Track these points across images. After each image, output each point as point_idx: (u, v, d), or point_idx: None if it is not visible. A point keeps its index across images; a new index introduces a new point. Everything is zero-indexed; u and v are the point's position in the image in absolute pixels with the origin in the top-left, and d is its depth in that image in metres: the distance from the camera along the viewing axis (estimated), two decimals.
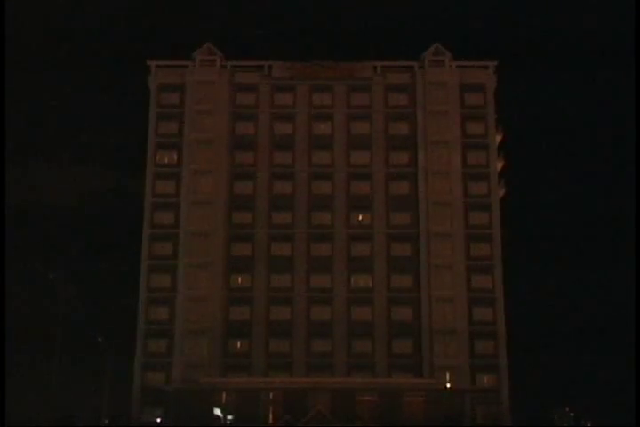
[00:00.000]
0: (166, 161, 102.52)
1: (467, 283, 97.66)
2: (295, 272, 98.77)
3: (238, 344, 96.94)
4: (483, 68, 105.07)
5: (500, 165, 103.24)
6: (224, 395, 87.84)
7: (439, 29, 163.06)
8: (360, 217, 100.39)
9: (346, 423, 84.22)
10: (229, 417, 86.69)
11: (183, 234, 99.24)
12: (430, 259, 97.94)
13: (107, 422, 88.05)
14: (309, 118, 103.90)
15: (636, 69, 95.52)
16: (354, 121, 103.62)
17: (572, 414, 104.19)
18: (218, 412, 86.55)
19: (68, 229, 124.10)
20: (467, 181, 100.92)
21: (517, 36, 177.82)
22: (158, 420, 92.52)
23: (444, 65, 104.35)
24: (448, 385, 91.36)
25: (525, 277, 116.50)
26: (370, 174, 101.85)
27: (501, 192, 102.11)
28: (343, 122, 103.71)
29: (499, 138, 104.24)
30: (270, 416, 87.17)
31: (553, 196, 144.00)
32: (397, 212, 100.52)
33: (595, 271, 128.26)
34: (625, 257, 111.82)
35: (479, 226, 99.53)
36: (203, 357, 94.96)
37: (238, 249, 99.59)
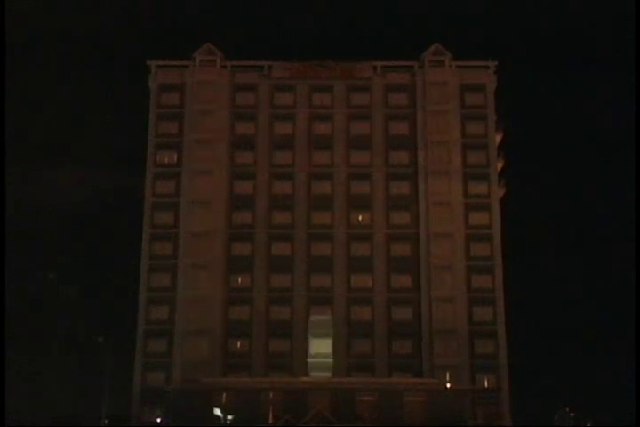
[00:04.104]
0: (166, 161, 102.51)
1: (467, 283, 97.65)
2: (295, 272, 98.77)
3: (238, 344, 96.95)
4: (483, 68, 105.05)
5: (500, 165, 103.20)
6: (224, 395, 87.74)
7: (439, 29, 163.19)
8: (360, 217, 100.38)
9: (346, 423, 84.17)
10: (229, 417, 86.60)
11: (183, 234, 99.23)
12: (430, 259, 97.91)
13: (107, 422, 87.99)
14: (309, 118, 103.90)
15: (636, 70, 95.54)
16: (354, 121, 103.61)
17: (572, 414, 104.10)
18: (218, 412, 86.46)
19: (69, 230, 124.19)
20: (467, 181, 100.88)
21: (517, 36, 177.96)
22: (158, 420, 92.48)
23: (444, 65, 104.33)
24: (448, 385, 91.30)
25: (525, 278, 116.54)
26: (370, 174, 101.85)
27: (501, 192, 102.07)
28: (343, 122, 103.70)
29: (499, 138, 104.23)
30: (270, 416, 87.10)
31: (553, 195, 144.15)
32: (397, 212, 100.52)
33: (595, 271, 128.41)
34: (625, 257, 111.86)
35: (479, 226, 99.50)
36: (203, 357, 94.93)
37: (238, 249, 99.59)
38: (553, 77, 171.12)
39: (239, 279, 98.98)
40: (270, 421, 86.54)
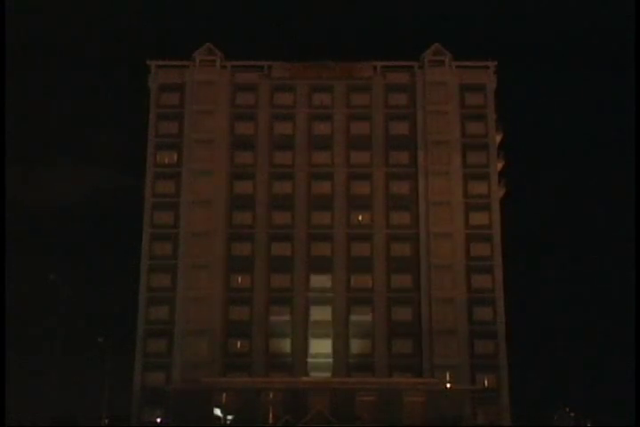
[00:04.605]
0: (166, 161, 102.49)
1: (467, 283, 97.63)
2: (295, 272, 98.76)
3: (238, 344, 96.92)
4: (483, 68, 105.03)
5: (500, 165, 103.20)
6: (224, 395, 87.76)
7: (439, 29, 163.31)
8: (360, 217, 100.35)
9: (346, 423, 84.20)
10: (229, 417, 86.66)
11: (183, 234, 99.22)
12: (430, 259, 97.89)
13: (107, 422, 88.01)
14: (309, 118, 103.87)
15: (636, 69, 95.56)
16: (354, 121, 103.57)
17: (572, 414, 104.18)
18: (218, 412, 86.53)
19: (69, 229, 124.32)
20: (467, 181, 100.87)
21: (517, 36, 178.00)
22: (158, 420, 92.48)
23: (443, 65, 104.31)
24: (448, 385, 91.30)
25: (525, 278, 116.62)
26: (370, 174, 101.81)
27: (501, 192, 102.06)
28: (343, 122, 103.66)
29: (499, 138, 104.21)
30: (270, 416, 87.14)
31: (553, 196, 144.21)
32: (397, 212, 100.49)
33: (594, 271, 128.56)
34: (625, 257, 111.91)
35: (479, 226, 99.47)
36: (203, 357, 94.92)
37: (238, 249, 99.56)
38: (553, 77, 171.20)
39: (239, 279, 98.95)
40: (270, 421, 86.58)
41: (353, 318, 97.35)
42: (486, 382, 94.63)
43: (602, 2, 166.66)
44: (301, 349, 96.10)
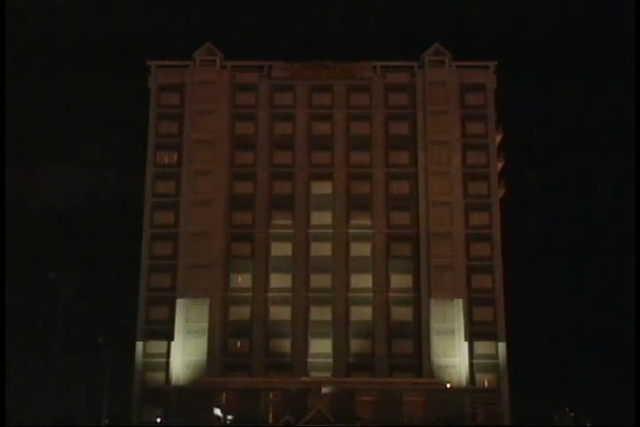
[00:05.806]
0: (166, 161, 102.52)
1: (467, 283, 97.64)
2: (295, 272, 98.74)
3: (238, 344, 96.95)
4: (483, 68, 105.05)
5: (499, 165, 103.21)
6: (224, 395, 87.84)
7: (439, 29, 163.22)
8: (240, 279, 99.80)
9: (346, 423, 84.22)
10: (229, 417, 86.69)
11: (183, 234, 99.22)
12: (430, 259, 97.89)
13: (107, 422, 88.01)
14: (309, 118, 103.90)
15: (636, 69, 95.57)
16: (354, 121, 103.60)
17: (571, 414, 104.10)
18: (218, 412, 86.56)
19: (68, 229, 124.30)
20: (467, 181, 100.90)
21: (517, 36, 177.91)
22: (158, 420, 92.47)
23: (443, 65, 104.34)
24: (448, 385, 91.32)
25: (525, 277, 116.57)
26: (370, 174, 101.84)
27: (501, 192, 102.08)
28: (343, 122, 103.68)
29: (499, 138, 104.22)
30: (270, 416, 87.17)
31: (553, 196, 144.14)
32: (397, 212, 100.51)
33: (595, 271, 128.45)
34: (625, 257, 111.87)
35: (479, 226, 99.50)
36: (203, 357, 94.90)
37: (238, 249, 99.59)
38: (553, 77, 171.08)
39: (239, 279, 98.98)
40: (270, 421, 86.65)
41: (353, 318, 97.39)
42: (486, 383, 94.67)
43: (602, 2, 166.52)
44: (301, 349, 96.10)
